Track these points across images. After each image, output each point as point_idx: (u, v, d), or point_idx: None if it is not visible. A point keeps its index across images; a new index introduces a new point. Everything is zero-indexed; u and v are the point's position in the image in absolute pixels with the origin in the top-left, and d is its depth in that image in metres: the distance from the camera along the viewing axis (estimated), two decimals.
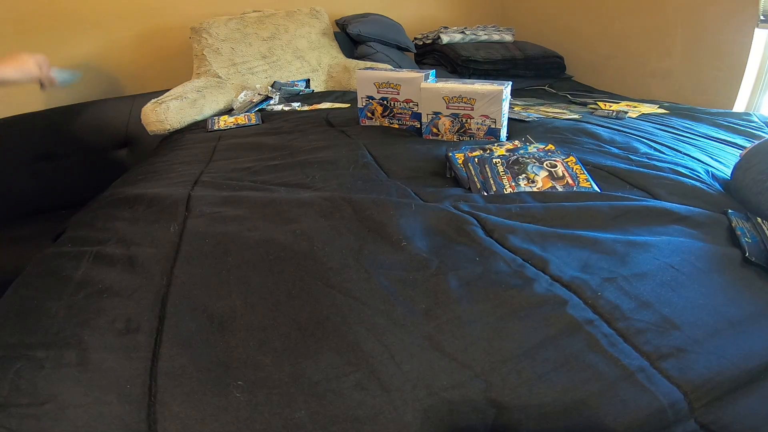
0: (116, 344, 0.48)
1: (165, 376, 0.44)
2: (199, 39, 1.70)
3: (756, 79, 1.55)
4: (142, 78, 1.87)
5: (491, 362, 0.43)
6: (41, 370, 0.45)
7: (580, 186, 0.76)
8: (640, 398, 0.40)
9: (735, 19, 1.51)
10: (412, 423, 0.39)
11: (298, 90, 1.69)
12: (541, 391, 0.41)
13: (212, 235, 0.65)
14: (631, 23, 1.88)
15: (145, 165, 1.14)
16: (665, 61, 1.77)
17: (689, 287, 0.51)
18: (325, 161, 0.92)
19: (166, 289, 0.55)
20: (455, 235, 0.61)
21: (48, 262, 0.66)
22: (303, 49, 1.83)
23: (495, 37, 2.15)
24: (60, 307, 0.54)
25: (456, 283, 0.52)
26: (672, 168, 0.84)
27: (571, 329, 0.46)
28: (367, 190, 0.76)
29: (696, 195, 0.74)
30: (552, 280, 0.53)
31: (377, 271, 0.55)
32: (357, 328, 0.47)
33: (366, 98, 1.19)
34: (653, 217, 0.66)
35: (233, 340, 0.47)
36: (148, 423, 0.40)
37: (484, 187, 0.78)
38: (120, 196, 0.84)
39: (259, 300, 0.52)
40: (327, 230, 0.63)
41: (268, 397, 0.41)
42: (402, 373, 0.43)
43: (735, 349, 0.44)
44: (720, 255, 0.57)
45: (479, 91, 1.01)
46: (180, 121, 1.42)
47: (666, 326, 0.46)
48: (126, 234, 0.70)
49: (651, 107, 1.43)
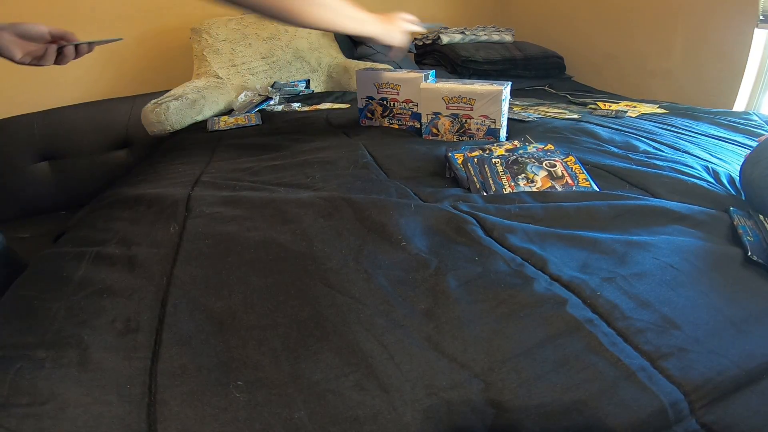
0: (116, 344, 0.48)
1: (165, 376, 0.44)
2: (199, 39, 1.70)
3: (756, 79, 1.55)
4: (142, 78, 1.87)
5: (490, 362, 0.43)
6: (41, 370, 0.45)
7: (579, 185, 0.76)
8: (641, 398, 0.40)
9: (735, 19, 1.51)
10: (411, 423, 0.39)
11: (298, 90, 1.69)
12: (540, 391, 0.41)
13: (212, 235, 0.65)
14: (631, 23, 1.88)
15: (145, 165, 1.14)
16: (665, 60, 1.77)
17: (689, 287, 0.51)
18: (325, 161, 0.92)
19: (166, 289, 0.55)
20: (455, 235, 0.61)
21: (48, 262, 0.66)
22: (303, 49, 1.83)
23: (495, 38, 2.15)
24: (60, 307, 0.54)
25: (455, 283, 0.52)
26: (672, 166, 0.84)
27: (571, 329, 0.46)
28: (367, 190, 0.76)
29: (696, 193, 0.74)
30: (551, 279, 0.53)
31: (377, 271, 0.55)
32: (356, 328, 0.47)
33: (366, 98, 1.19)
34: (653, 216, 0.66)
35: (233, 340, 0.47)
36: (148, 423, 0.40)
37: (483, 187, 0.78)
38: (120, 197, 0.85)
39: (258, 300, 0.52)
40: (327, 230, 0.63)
41: (268, 397, 0.41)
42: (401, 374, 0.43)
43: (736, 348, 0.44)
44: (721, 254, 0.57)
45: (479, 91, 1.01)
46: (180, 122, 1.42)
47: (666, 326, 0.46)
48: (126, 234, 0.70)
49: (651, 107, 1.43)
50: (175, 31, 1.87)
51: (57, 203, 1.71)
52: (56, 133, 1.70)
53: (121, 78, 1.85)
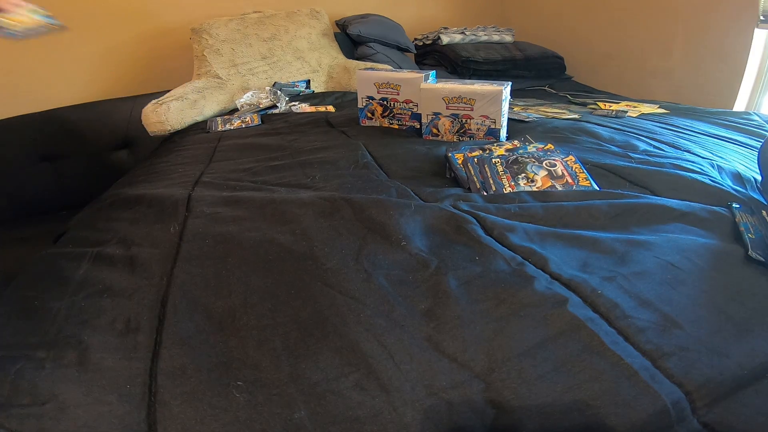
0: (116, 344, 0.48)
1: (165, 376, 0.44)
2: (200, 40, 1.70)
3: (756, 79, 1.55)
4: (142, 78, 1.87)
5: (491, 362, 0.43)
6: (42, 370, 0.45)
7: (579, 185, 0.76)
8: (642, 398, 0.39)
9: (735, 19, 1.51)
10: (411, 423, 0.39)
11: (299, 90, 1.69)
12: (541, 391, 0.41)
13: (212, 235, 0.65)
14: (631, 23, 1.88)
15: (145, 166, 1.14)
16: (665, 60, 1.77)
17: (690, 285, 0.51)
18: (325, 161, 0.92)
19: (166, 289, 0.55)
20: (455, 235, 0.61)
21: (49, 263, 0.66)
22: (303, 49, 1.83)
23: (495, 38, 2.15)
24: (61, 307, 0.54)
25: (455, 282, 0.52)
26: (673, 163, 0.84)
27: (572, 328, 0.46)
28: (367, 190, 0.76)
29: (698, 189, 0.74)
30: (552, 278, 0.53)
31: (377, 271, 0.55)
32: (356, 328, 0.47)
33: (366, 98, 1.19)
34: (653, 214, 0.65)
35: (233, 340, 0.47)
36: (148, 423, 0.40)
37: (483, 187, 0.77)
38: (121, 197, 0.85)
39: (258, 300, 0.52)
40: (327, 230, 0.63)
41: (268, 397, 0.41)
42: (401, 374, 0.43)
43: (738, 347, 0.44)
44: (722, 252, 0.57)
45: (479, 91, 1.01)
46: (180, 122, 1.43)
47: (667, 324, 0.46)
48: (126, 234, 0.70)
49: (651, 107, 1.42)
50: (176, 32, 1.87)
51: (57, 203, 1.71)
52: (56, 133, 1.70)
53: (121, 78, 1.85)
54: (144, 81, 1.87)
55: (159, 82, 1.84)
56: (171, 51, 1.89)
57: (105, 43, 1.79)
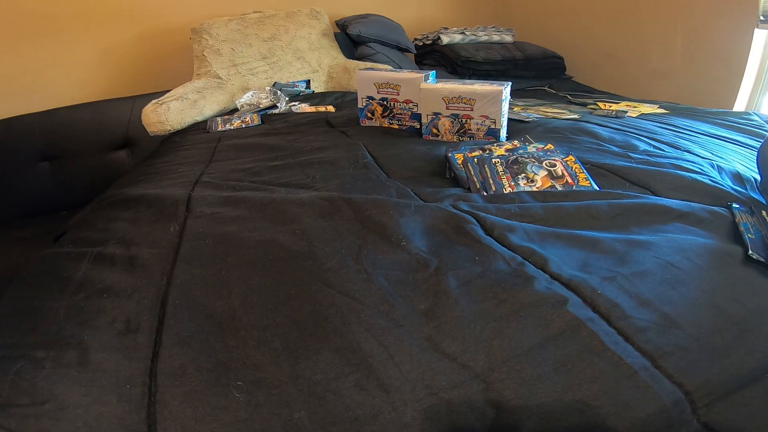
0: (116, 344, 0.48)
1: (165, 376, 0.44)
2: (200, 40, 1.70)
3: (756, 79, 1.55)
4: (142, 78, 1.87)
5: (491, 362, 0.43)
6: (41, 370, 0.45)
7: (579, 185, 0.76)
8: (642, 398, 0.39)
9: (735, 19, 1.51)
10: (411, 423, 0.39)
11: (299, 91, 1.69)
12: (541, 391, 0.41)
13: (212, 235, 0.65)
14: (631, 23, 1.88)
15: (145, 166, 1.14)
16: (665, 61, 1.77)
17: (690, 285, 0.51)
18: (325, 161, 0.92)
19: (166, 289, 0.55)
20: (454, 235, 0.61)
21: (48, 263, 0.66)
22: (303, 49, 1.83)
23: (495, 38, 2.15)
24: (60, 307, 0.54)
25: (455, 282, 0.52)
26: (673, 163, 0.84)
27: (572, 328, 0.46)
28: (367, 190, 0.76)
29: (698, 189, 0.74)
30: (552, 278, 0.53)
31: (377, 271, 0.55)
32: (356, 328, 0.47)
33: (366, 98, 1.19)
34: (653, 214, 0.65)
35: (233, 340, 0.47)
36: (147, 423, 0.40)
37: (483, 187, 0.77)
38: (120, 197, 0.85)
39: (258, 300, 0.52)
40: (327, 230, 0.63)
41: (268, 397, 0.41)
42: (401, 374, 0.43)
43: (738, 347, 0.44)
44: (722, 252, 0.57)
45: (479, 91, 1.01)
46: (180, 122, 1.43)
47: (667, 324, 0.46)
48: (126, 234, 0.70)
49: (651, 107, 1.42)
50: (175, 32, 1.87)
51: (57, 203, 1.71)
52: (56, 133, 1.70)
53: (121, 78, 1.86)
54: (144, 81, 1.87)
55: (159, 82, 1.84)
56: (171, 51, 1.89)
57: (105, 42, 1.79)
